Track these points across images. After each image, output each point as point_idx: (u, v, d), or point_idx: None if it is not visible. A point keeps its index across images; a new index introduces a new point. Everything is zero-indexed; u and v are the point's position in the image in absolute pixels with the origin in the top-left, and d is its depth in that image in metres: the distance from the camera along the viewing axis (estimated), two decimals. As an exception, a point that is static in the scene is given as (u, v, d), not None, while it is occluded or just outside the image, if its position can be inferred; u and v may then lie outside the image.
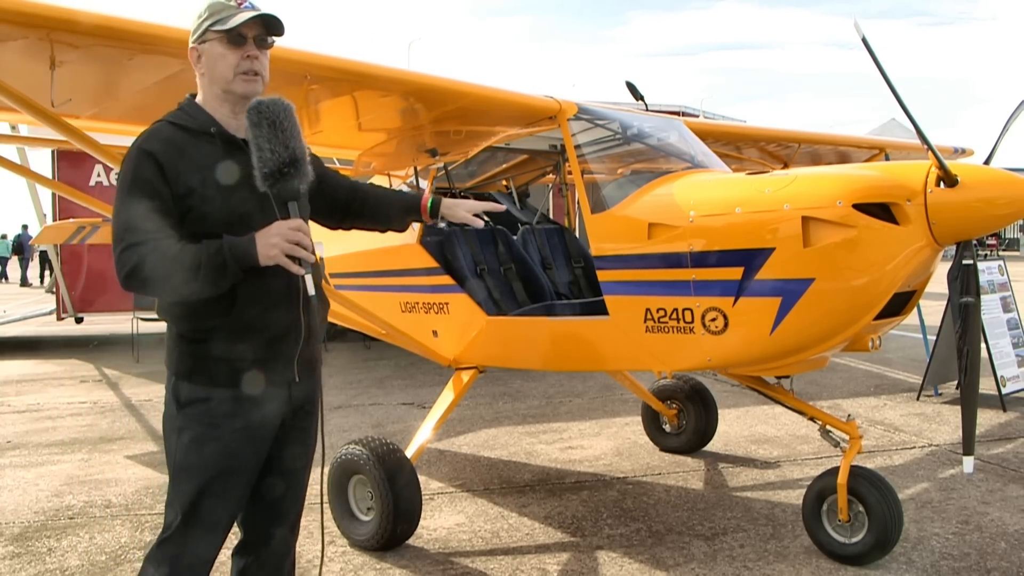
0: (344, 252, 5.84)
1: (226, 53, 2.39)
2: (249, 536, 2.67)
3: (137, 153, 2.32)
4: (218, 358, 2.37)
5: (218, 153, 2.38)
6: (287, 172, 2.30)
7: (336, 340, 12.01)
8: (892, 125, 24.99)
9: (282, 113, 2.31)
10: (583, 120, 4.66)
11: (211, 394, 2.38)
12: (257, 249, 2.26)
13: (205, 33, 2.40)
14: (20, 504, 5.08)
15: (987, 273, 7.97)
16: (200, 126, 2.41)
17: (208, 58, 2.42)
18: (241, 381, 2.38)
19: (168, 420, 2.46)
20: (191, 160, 2.34)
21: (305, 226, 2.34)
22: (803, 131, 7.00)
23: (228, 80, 2.41)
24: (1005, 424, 6.85)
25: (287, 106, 2.34)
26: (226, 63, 2.40)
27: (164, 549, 2.42)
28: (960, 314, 3.52)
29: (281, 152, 2.28)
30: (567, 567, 4.05)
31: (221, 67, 2.41)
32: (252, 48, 2.42)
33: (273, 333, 2.42)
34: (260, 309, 2.38)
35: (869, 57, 3.37)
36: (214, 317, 2.35)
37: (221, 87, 2.43)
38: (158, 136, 2.36)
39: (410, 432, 5.17)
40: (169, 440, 2.45)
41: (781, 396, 4.33)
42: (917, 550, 4.14)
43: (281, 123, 2.30)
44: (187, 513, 2.39)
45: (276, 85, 3.92)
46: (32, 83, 3.44)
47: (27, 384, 9.45)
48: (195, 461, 2.39)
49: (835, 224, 3.40)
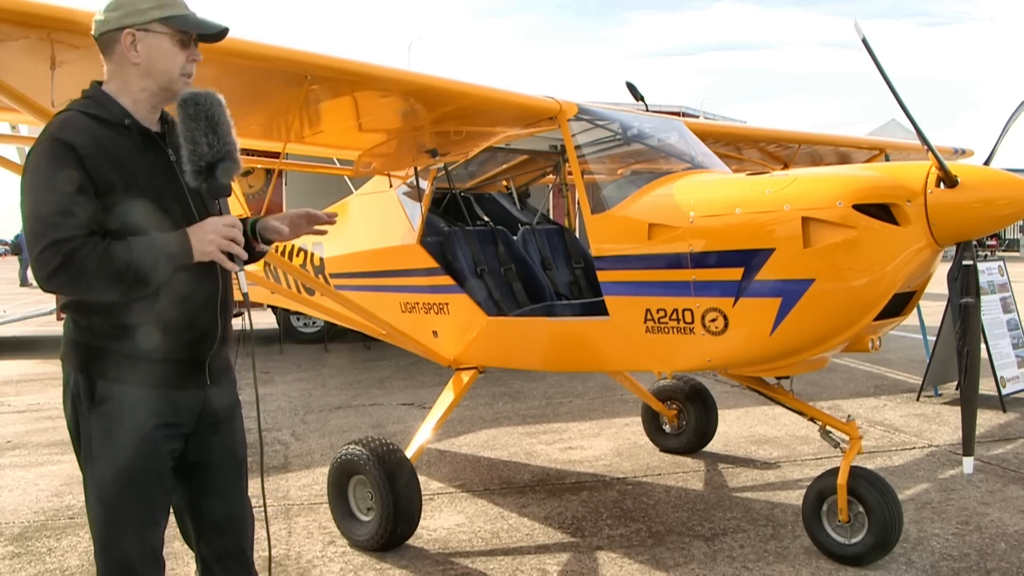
0: (344, 252, 5.84)
1: (175, 52, 2.29)
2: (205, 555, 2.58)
3: (54, 144, 2.16)
4: (136, 356, 2.27)
5: (133, 147, 2.27)
6: (222, 167, 2.24)
7: (336, 340, 12.02)
8: (892, 126, 25.02)
9: (218, 107, 2.24)
10: (583, 120, 4.66)
11: (127, 392, 2.28)
12: (192, 245, 2.21)
13: (151, 23, 2.25)
14: (20, 504, 5.09)
15: (987, 274, 7.96)
16: (114, 117, 2.27)
17: (150, 51, 2.26)
18: (159, 380, 2.31)
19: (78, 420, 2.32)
20: (109, 154, 2.21)
21: (239, 223, 2.32)
22: (803, 132, 7.00)
23: (172, 80, 2.31)
24: (1005, 425, 6.85)
25: (221, 100, 2.26)
26: (174, 62, 2.30)
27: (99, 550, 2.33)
28: (960, 315, 3.53)
29: (219, 147, 2.22)
30: (567, 567, 4.05)
31: (166, 65, 2.29)
32: (196, 51, 2.35)
33: (195, 333, 2.37)
34: (183, 308, 2.32)
35: (869, 58, 3.38)
36: (136, 314, 2.25)
37: (160, 84, 2.30)
38: (74, 126, 2.20)
39: (410, 432, 5.18)
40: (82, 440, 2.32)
41: (781, 397, 4.34)
42: (917, 551, 4.14)
43: (217, 117, 2.23)
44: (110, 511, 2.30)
45: (277, 86, 3.95)
46: (32, 83, 3.43)
47: (27, 384, 9.44)
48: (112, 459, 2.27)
49: (835, 225, 3.41)
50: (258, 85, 3.97)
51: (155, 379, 2.31)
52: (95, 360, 2.29)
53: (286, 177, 11.97)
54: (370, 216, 5.82)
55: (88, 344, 2.29)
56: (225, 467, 2.55)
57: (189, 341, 2.36)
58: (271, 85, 3.96)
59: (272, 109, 4.43)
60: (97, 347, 2.28)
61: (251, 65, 3.67)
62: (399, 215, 5.38)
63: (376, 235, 5.60)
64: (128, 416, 2.28)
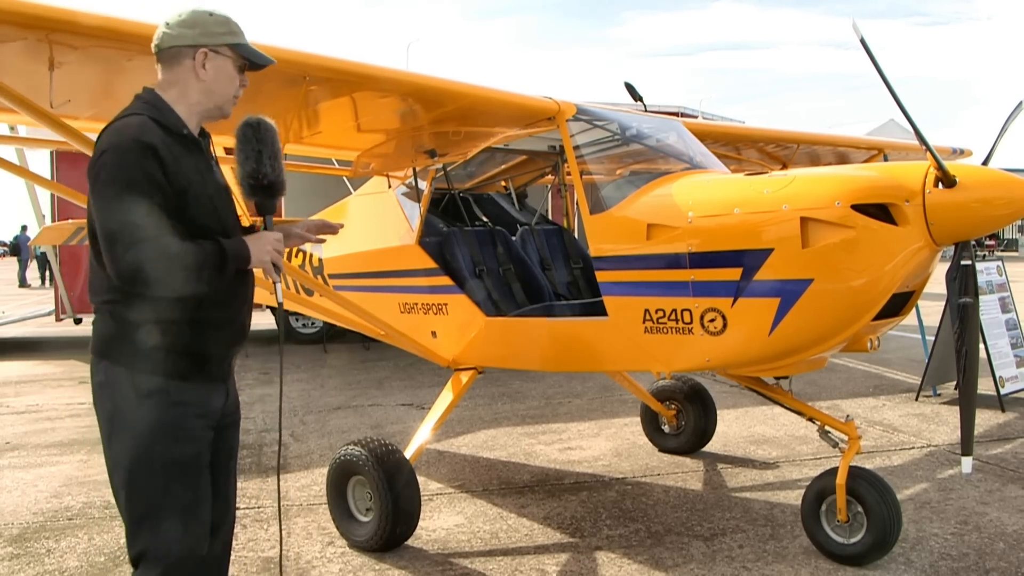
0: (343, 253, 5.84)
1: (234, 76, 2.51)
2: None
3: (137, 146, 2.26)
4: (181, 351, 2.39)
5: (190, 155, 2.42)
6: (278, 188, 2.47)
7: (335, 341, 12.01)
8: (891, 126, 25.02)
9: (277, 136, 2.48)
10: (582, 121, 4.66)
11: (172, 385, 2.37)
12: (251, 253, 2.39)
13: (222, 46, 2.45)
14: (19, 505, 5.08)
15: (985, 274, 7.97)
16: (174, 126, 2.41)
17: (217, 72, 2.46)
18: (202, 374, 2.46)
19: (122, 413, 2.36)
20: (177, 159, 2.34)
21: (283, 239, 2.51)
22: (802, 132, 6.99)
23: (227, 100, 2.52)
24: (1004, 424, 6.85)
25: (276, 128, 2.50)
26: (233, 85, 2.52)
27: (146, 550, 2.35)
28: (958, 314, 3.53)
29: (278, 170, 2.46)
30: (566, 568, 4.05)
31: (227, 87, 2.50)
32: (246, 78, 2.57)
33: (234, 330, 2.55)
34: (229, 309, 2.50)
35: (867, 58, 3.38)
36: (186, 310, 2.36)
37: (216, 103, 2.50)
38: (150, 130, 2.32)
39: (409, 433, 5.18)
40: (122, 435, 2.36)
41: (780, 397, 4.34)
42: (916, 550, 4.14)
43: (277, 145, 2.47)
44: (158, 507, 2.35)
45: (276, 86, 3.95)
46: (31, 84, 3.44)
47: (26, 385, 9.45)
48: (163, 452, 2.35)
49: (834, 225, 3.41)
50: (256, 85, 3.94)
51: (193, 374, 2.43)
52: (134, 353, 2.35)
53: (285, 178, 11.95)
54: (369, 217, 5.83)
55: (129, 337, 2.35)
56: (228, 469, 2.65)
57: (229, 338, 2.53)
58: (269, 85, 3.95)
59: (270, 109, 4.38)
60: (137, 341, 2.35)
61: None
62: (398, 216, 5.38)
63: (375, 236, 5.60)
64: (165, 409, 2.36)
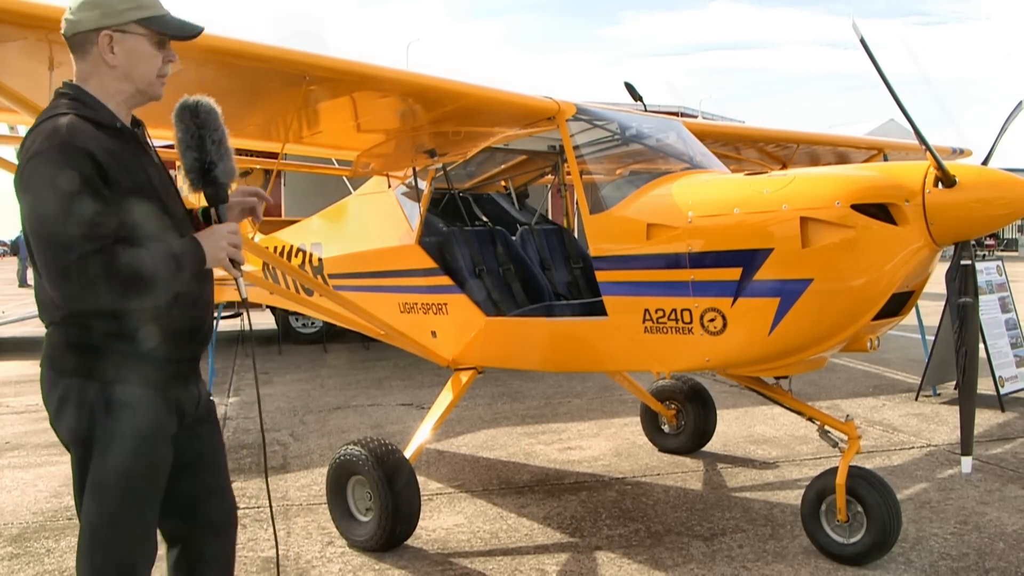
0: (343, 252, 5.84)
1: (153, 54, 2.25)
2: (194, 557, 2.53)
3: (71, 150, 2.07)
4: (144, 358, 2.23)
5: (128, 150, 2.24)
6: (225, 174, 2.27)
7: (335, 341, 12.01)
8: (890, 125, 25.03)
9: (218, 116, 2.26)
10: (582, 121, 4.66)
11: (138, 394, 2.24)
12: (206, 252, 2.21)
13: (128, 24, 2.20)
14: (19, 505, 5.08)
15: (985, 273, 7.97)
16: (106, 120, 2.21)
17: (129, 54, 2.22)
18: (166, 381, 2.31)
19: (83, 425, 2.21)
20: (116, 158, 2.16)
21: (239, 228, 2.34)
22: (801, 132, 7.00)
23: (150, 82, 2.28)
24: (1003, 424, 6.85)
25: (218, 109, 2.27)
26: (153, 64, 2.26)
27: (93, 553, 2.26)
28: (958, 314, 3.53)
29: (223, 155, 2.26)
30: (566, 568, 4.05)
31: (147, 68, 2.25)
32: (171, 52, 2.31)
33: (198, 333, 2.40)
34: (190, 310, 2.33)
35: (867, 58, 3.38)
36: (145, 317, 2.20)
37: (138, 87, 2.27)
38: (82, 131, 2.12)
39: (409, 433, 5.18)
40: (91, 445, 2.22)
41: (780, 396, 4.34)
42: (916, 550, 4.14)
43: (219, 126, 2.25)
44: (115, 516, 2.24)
45: (275, 86, 3.95)
46: (31, 84, 3.43)
47: (26, 385, 9.43)
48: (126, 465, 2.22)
49: (833, 224, 3.41)
50: (256, 86, 3.98)
51: (163, 380, 2.31)
52: (102, 365, 2.21)
53: (284, 178, 11.97)
54: (369, 216, 5.83)
55: (95, 348, 2.21)
56: (219, 466, 2.56)
57: (190, 340, 2.38)
58: (269, 86, 3.96)
59: (270, 110, 4.43)
60: (104, 352, 2.21)
61: (249, 66, 3.68)
62: (398, 215, 5.38)
63: (375, 235, 5.60)
64: (142, 418, 2.24)
